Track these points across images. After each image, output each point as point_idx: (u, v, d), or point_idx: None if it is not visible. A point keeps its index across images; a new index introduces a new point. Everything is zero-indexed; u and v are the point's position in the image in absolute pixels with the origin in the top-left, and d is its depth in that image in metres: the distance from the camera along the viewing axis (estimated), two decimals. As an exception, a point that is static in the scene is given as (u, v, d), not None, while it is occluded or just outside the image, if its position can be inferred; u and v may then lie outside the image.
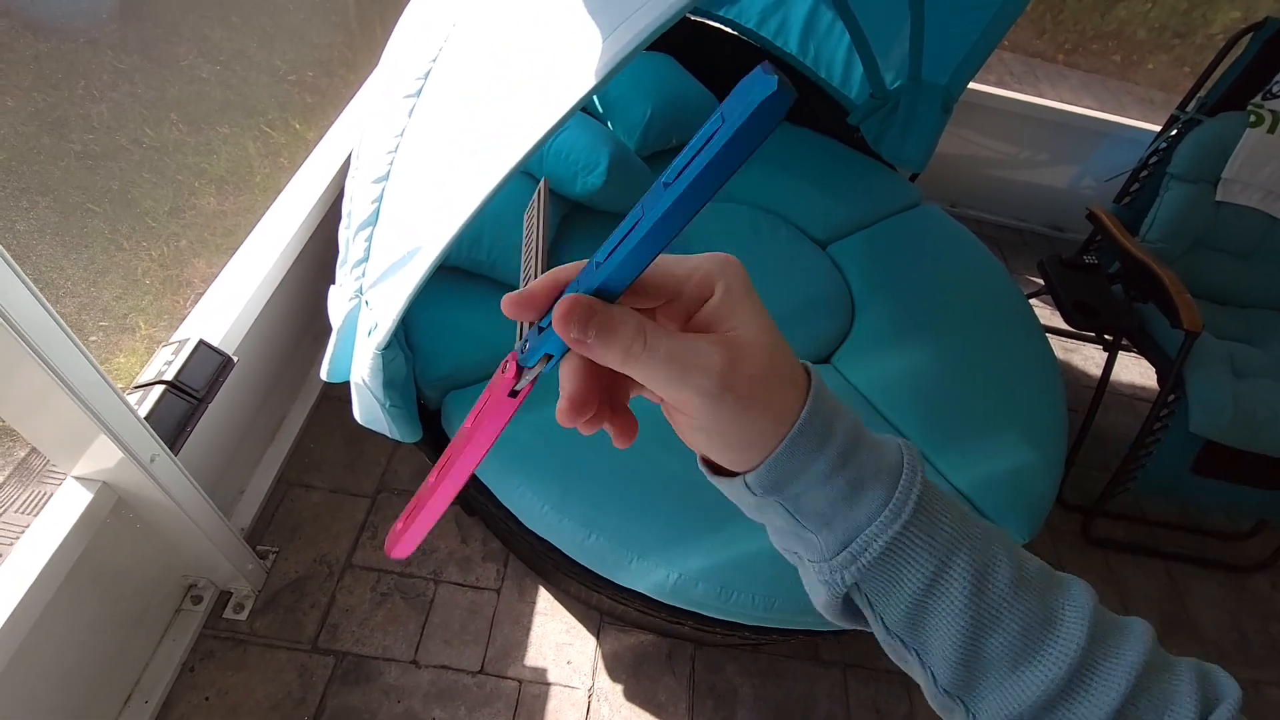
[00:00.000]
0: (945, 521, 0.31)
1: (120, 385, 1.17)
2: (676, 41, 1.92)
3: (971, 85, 2.44)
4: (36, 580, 0.83)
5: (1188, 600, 1.72)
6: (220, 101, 2.19)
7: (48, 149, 1.70)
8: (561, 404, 0.30)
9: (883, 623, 0.32)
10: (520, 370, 0.30)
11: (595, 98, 1.75)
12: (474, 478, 1.16)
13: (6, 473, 1.15)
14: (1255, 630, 1.70)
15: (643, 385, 0.30)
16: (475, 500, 1.21)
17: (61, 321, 0.72)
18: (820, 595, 0.33)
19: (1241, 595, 1.76)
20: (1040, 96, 2.58)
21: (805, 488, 0.30)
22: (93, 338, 1.48)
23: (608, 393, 0.32)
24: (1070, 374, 2.22)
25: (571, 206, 1.47)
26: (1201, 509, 1.90)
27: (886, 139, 1.96)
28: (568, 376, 0.30)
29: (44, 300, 0.68)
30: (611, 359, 0.27)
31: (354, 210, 0.98)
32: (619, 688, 1.30)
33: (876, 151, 1.99)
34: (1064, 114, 2.52)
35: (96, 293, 1.55)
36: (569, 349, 0.28)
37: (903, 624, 0.32)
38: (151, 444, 0.86)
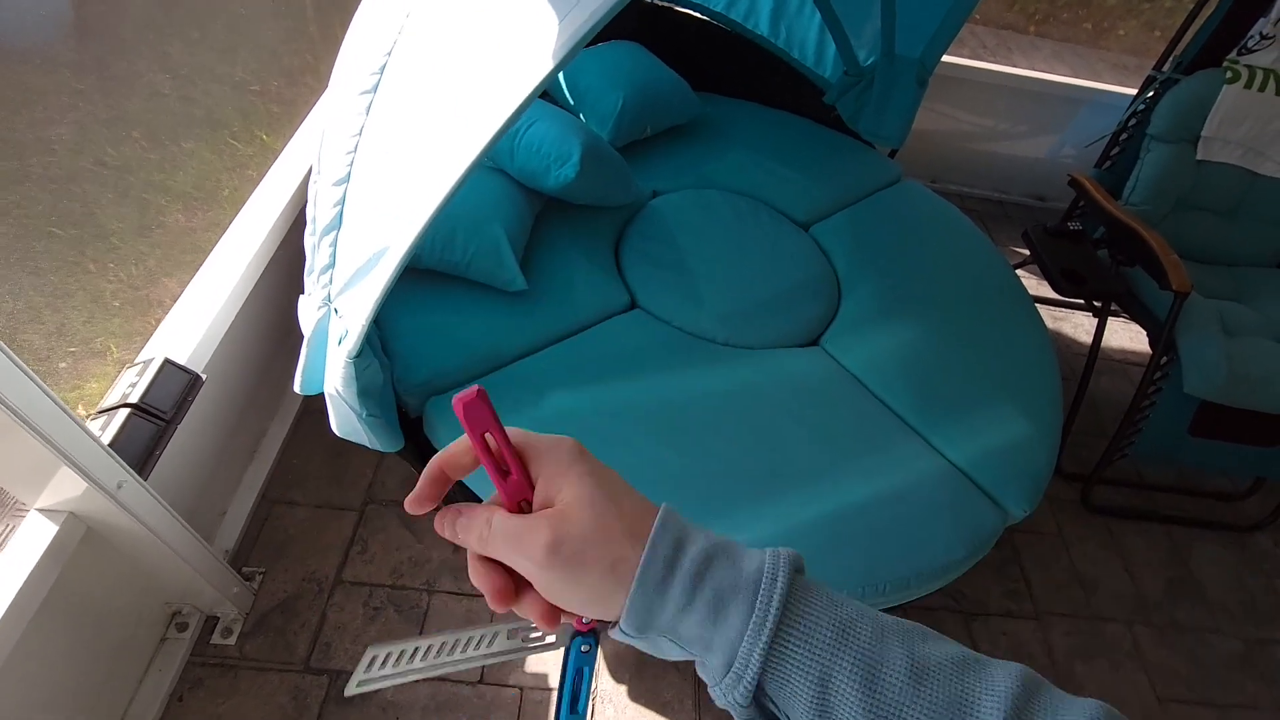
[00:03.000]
0: (824, 625, 0.31)
1: (90, 413, 1.13)
2: (646, 29, 1.89)
3: (946, 58, 2.41)
4: (7, 613, 0.80)
5: (1191, 563, 1.71)
6: (183, 116, 2.14)
7: (7, 173, 1.65)
8: (488, 599, 0.35)
9: None
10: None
11: (565, 89, 1.72)
12: (459, 484, 1.13)
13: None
14: (1261, 588, 1.69)
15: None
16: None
17: (11, 353, 0.68)
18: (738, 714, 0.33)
19: (1244, 554, 1.76)
20: (1014, 67, 2.57)
21: (672, 620, 0.32)
22: (62, 364, 1.43)
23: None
24: (1061, 342, 2.21)
25: (546, 201, 1.44)
26: (1200, 470, 1.90)
27: (863, 116, 1.94)
28: (476, 577, 0.35)
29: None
30: (473, 545, 0.34)
31: (317, 215, 0.95)
32: (623, 688, 1.28)
33: (854, 129, 1.96)
34: (1040, 83, 2.50)
35: (63, 318, 1.51)
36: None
37: None
38: (118, 470, 0.82)
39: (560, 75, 1.71)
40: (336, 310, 0.92)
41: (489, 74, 0.74)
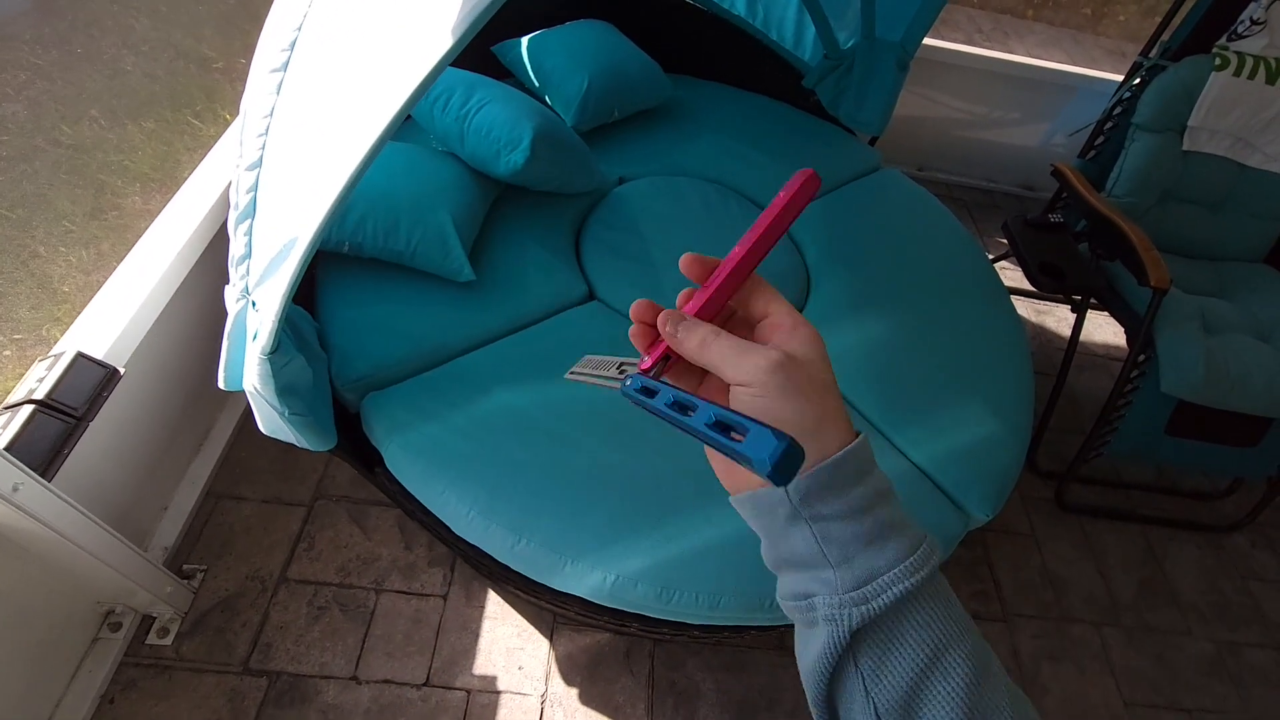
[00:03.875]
0: (956, 603, 0.33)
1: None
2: (616, 6, 1.82)
3: (938, 43, 2.35)
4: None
5: (1166, 564, 1.68)
6: (145, 95, 2.08)
7: (-48, 152, 1.59)
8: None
9: (874, 708, 0.31)
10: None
11: (530, 70, 1.65)
12: (399, 484, 1.09)
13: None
14: (1234, 590, 1.66)
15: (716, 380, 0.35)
16: (406, 505, 1.14)
17: None
18: (816, 644, 0.33)
19: (1219, 555, 1.72)
20: (1009, 53, 2.49)
21: (838, 512, 0.32)
22: (5, 352, 1.38)
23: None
24: (1043, 336, 2.17)
25: (504, 187, 1.38)
26: (1178, 470, 1.86)
27: (843, 101, 1.87)
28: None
29: None
30: (691, 347, 0.35)
31: (237, 201, 0.90)
32: (574, 691, 1.25)
33: (833, 115, 1.90)
34: (1033, 69, 2.43)
35: (8, 304, 1.46)
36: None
37: (895, 707, 0.31)
38: (12, 472, 0.78)
39: (524, 56, 1.64)
40: (254, 303, 0.87)
41: (394, 51, 0.69)
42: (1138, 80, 1.68)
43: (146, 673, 1.14)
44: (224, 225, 1.29)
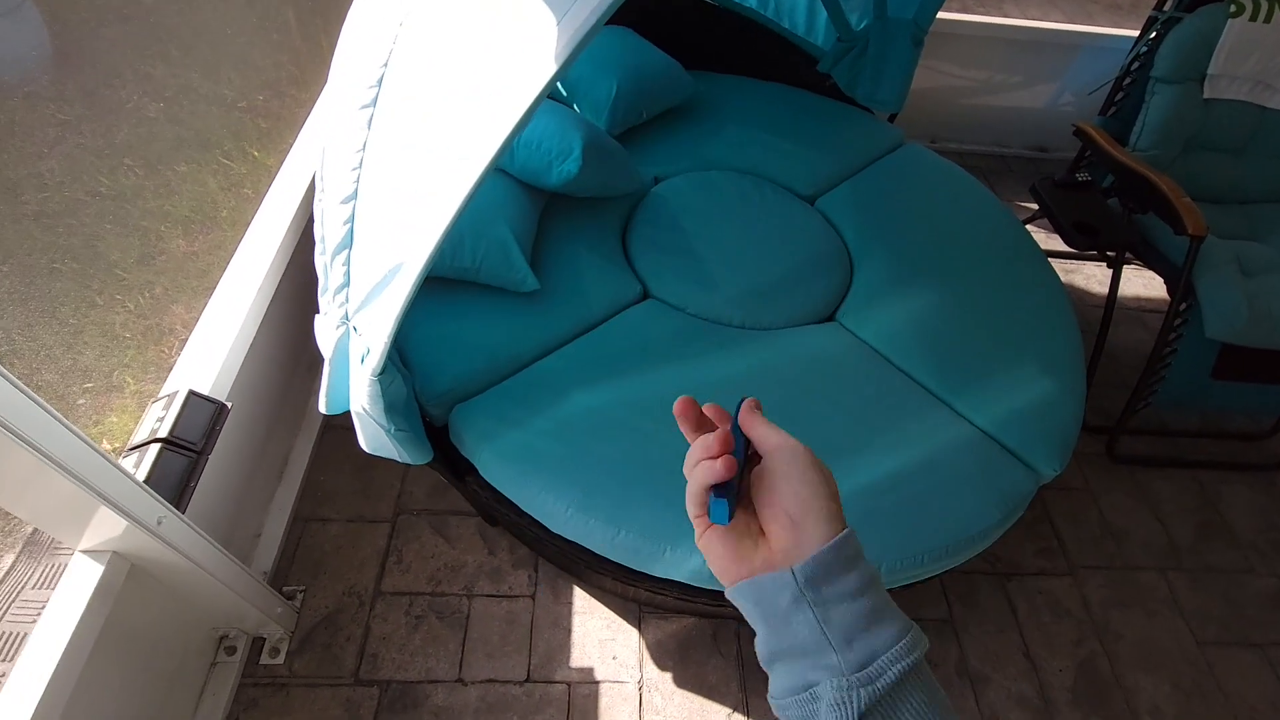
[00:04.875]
0: (939, 687, 0.35)
1: (115, 447, 1.13)
2: (634, 11, 1.85)
3: (939, 15, 2.38)
4: (63, 657, 0.81)
5: (1220, 506, 1.71)
6: (173, 139, 2.13)
7: (3, 214, 1.65)
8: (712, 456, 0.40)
9: None
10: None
11: (558, 81, 1.69)
12: (492, 489, 1.14)
13: (17, 550, 1.12)
14: (1291, 526, 1.69)
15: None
16: (497, 510, 1.19)
17: (38, 397, 0.68)
18: None
19: (1271, 493, 1.75)
20: (1005, 17, 2.51)
21: (838, 595, 0.35)
22: (80, 401, 1.44)
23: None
24: (1075, 295, 2.19)
25: (549, 197, 1.43)
26: (1223, 412, 1.89)
27: (860, 82, 1.91)
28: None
29: (14, 378, 0.64)
30: (748, 422, 0.43)
31: (326, 235, 0.94)
32: (668, 675, 1.29)
33: (851, 97, 1.93)
34: (1034, 31, 2.45)
35: (76, 355, 1.51)
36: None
37: None
38: (156, 507, 0.83)
39: (550, 67, 1.68)
40: (355, 329, 0.92)
41: (492, 80, 0.73)
42: (1154, 34, 1.71)
43: (265, 691, 1.20)
44: (290, 261, 1.34)
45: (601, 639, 1.32)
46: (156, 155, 2.02)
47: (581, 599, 1.37)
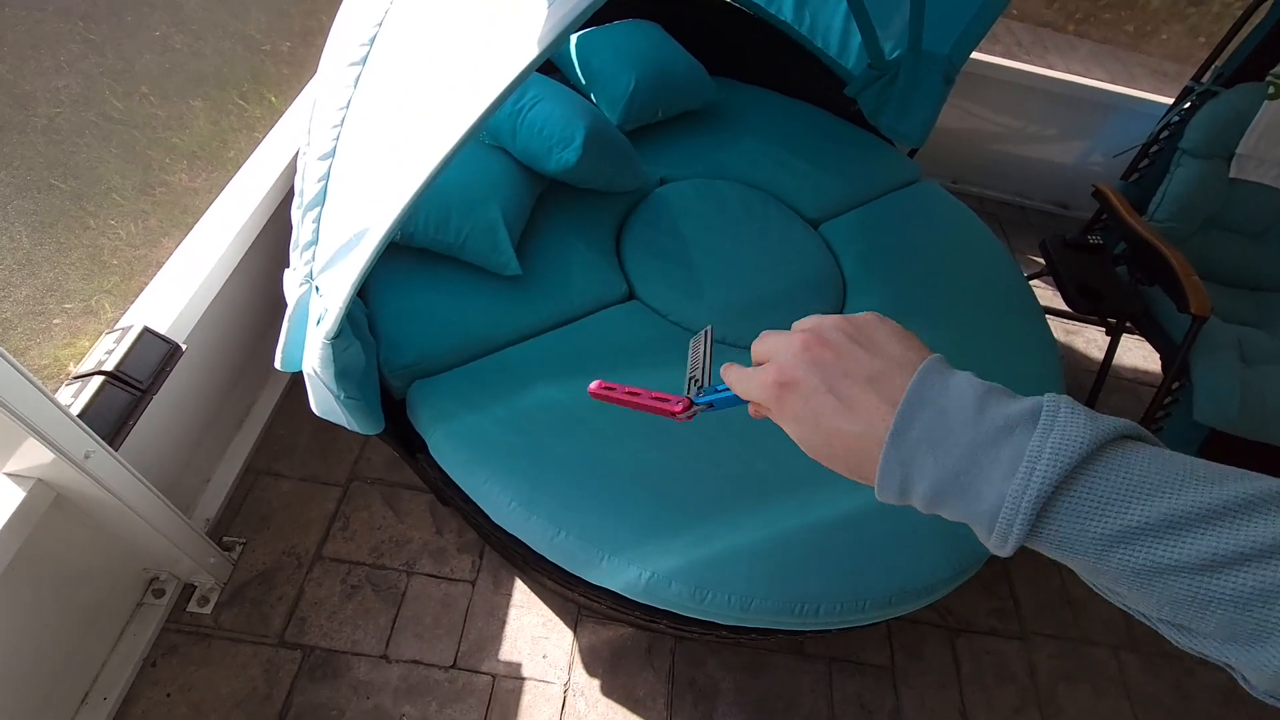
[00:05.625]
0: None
1: (65, 375, 1.11)
2: (665, 8, 1.83)
3: (976, 56, 2.34)
4: (-29, 580, 0.79)
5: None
6: (193, 73, 2.12)
7: (9, 123, 1.63)
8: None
9: None
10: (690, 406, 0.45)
11: (578, 68, 1.67)
12: (441, 471, 1.12)
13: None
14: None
15: None
16: (445, 492, 1.17)
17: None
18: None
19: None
20: (1048, 68, 2.48)
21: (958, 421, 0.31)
22: (56, 320, 1.42)
23: None
24: (1072, 357, 2.16)
25: (549, 183, 1.40)
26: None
27: (885, 112, 1.88)
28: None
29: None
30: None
31: (305, 189, 0.92)
32: (596, 682, 1.27)
33: (874, 125, 1.90)
34: (1072, 86, 2.41)
35: (60, 274, 1.49)
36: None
37: None
38: (86, 440, 0.81)
39: (572, 53, 1.66)
40: (318, 289, 0.90)
41: (479, 53, 0.71)
42: (1188, 105, 1.67)
43: (187, 639, 1.18)
44: (277, 210, 1.32)
45: (535, 636, 1.30)
46: (174, 86, 2.00)
47: (521, 593, 1.34)
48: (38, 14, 1.85)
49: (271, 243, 1.33)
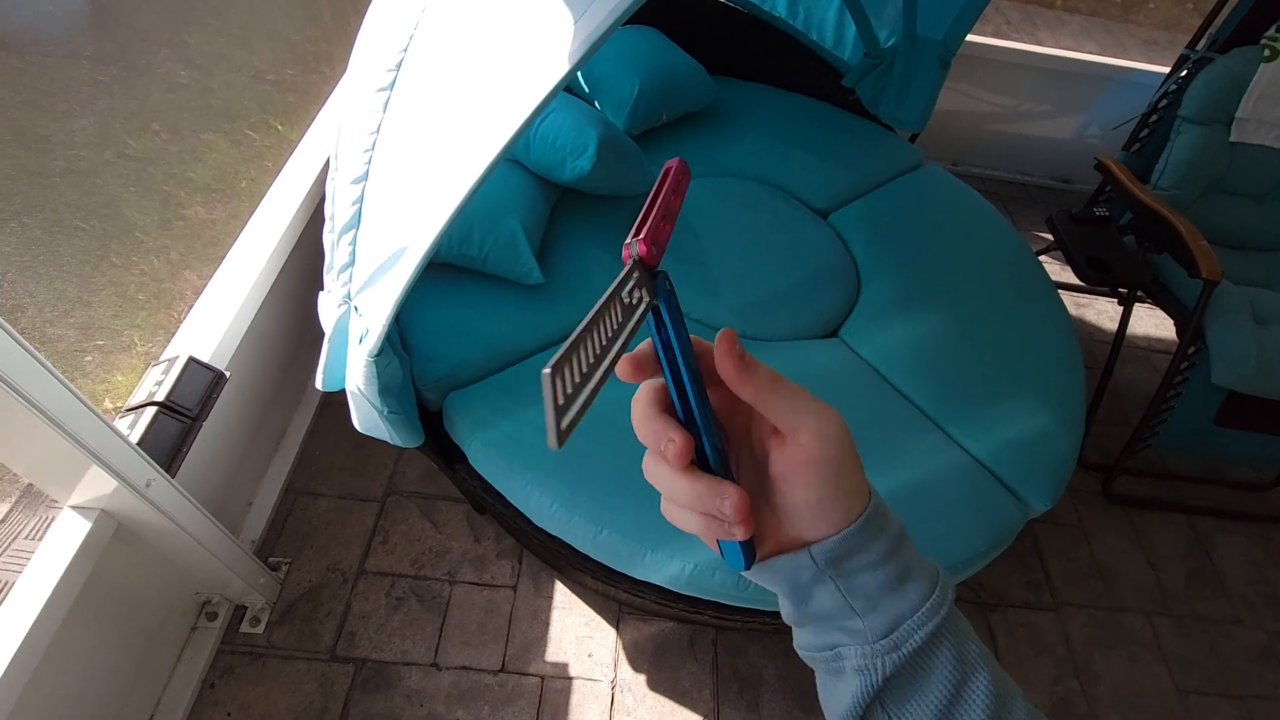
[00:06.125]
0: (971, 632, 0.34)
1: (117, 406, 1.15)
2: (661, 12, 1.85)
3: (968, 38, 2.36)
4: (43, 610, 0.82)
5: (1214, 554, 1.69)
6: (201, 107, 2.15)
7: (30, 168, 1.67)
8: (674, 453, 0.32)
9: None
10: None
11: (581, 76, 1.70)
12: (480, 478, 1.14)
13: (13, 500, 1.14)
14: (1284, 580, 1.67)
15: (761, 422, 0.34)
16: (484, 500, 1.19)
17: (39, 355, 0.69)
18: (847, 694, 0.33)
19: (1266, 546, 1.73)
20: (1039, 45, 2.50)
21: (861, 567, 0.33)
22: (89, 357, 1.46)
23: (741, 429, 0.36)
24: (1084, 330, 2.17)
25: (562, 192, 1.43)
26: (1225, 461, 1.87)
27: (883, 100, 1.90)
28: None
29: (17, 335, 0.65)
30: (748, 388, 0.32)
31: (336, 213, 0.95)
32: (641, 677, 1.29)
33: (874, 113, 1.93)
34: (1065, 61, 2.43)
35: (90, 312, 1.53)
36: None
37: None
38: (146, 469, 0.84)
39: (575, 62, 1.69)
40: (356, 309, 0.92)
41: (507, 72, 0.73)
42: (1184, 72, 1.69)
43: (242, 659, 1.21)
44: (301, 236, 1.35)
45: (579, 635, 1.32)
46: (184, 121, 2.04)
47: (562, 594, 1.37)
48: (48, 60, 1.89)
49: (296, 268, 1.36)
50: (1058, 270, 2.24)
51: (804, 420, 0.32)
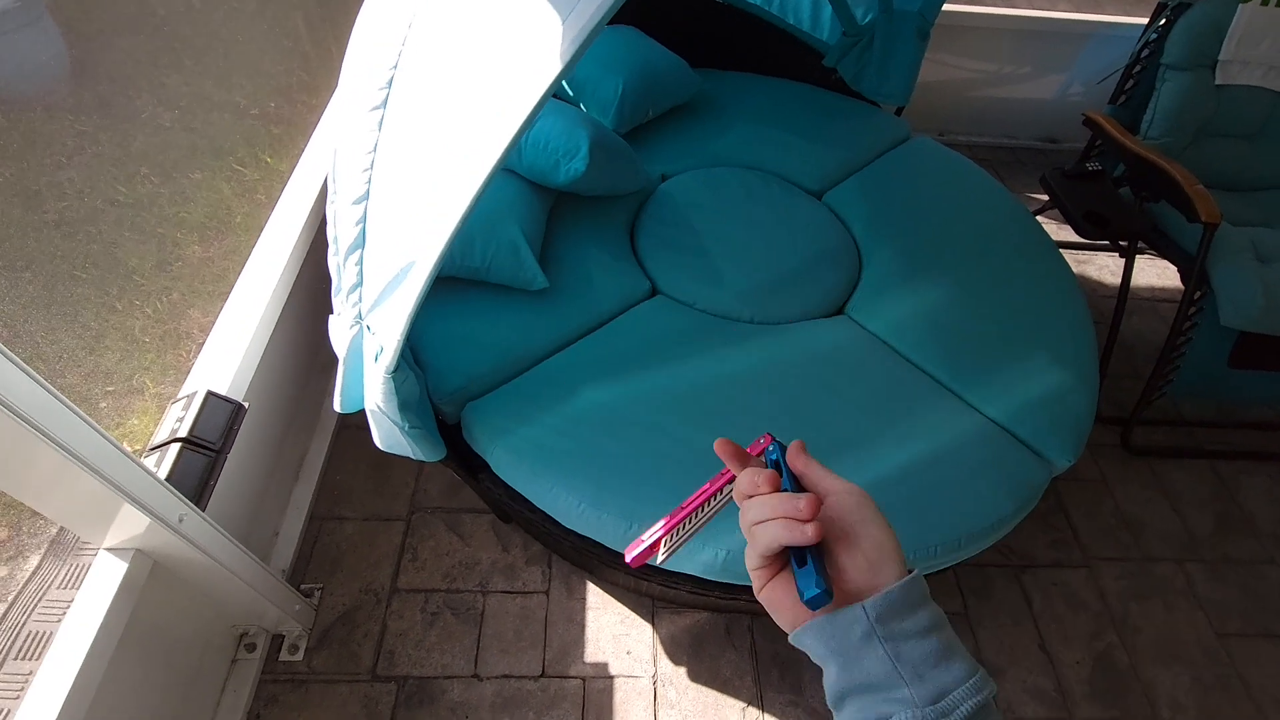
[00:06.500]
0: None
1: (136, 449, 1.15)
2: (639, 10, 1.86)
3: (944, 6, 2.37)
4: (89, 654, 0.82)
5: (1239, 496, 1.69)
6: (187, 147, 2.16)
7: (23, 222, 1.68)
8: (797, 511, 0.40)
9: None
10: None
11: (564, 81, 1.70)
12: (505, 485, 1.15)
13: (41, 551, 1.15)
14: (1311, 515, 1.67)
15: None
16: (510, 507, 1.20)
17: (64, 398, 0.70)
18: None
19: (1292, 482, 1.73)
20: (1014, 7, 2.50)
21: (909, 631, 0.36)
22: (102, 404, 1.46)
23: None
24: (1087, 286, 2.18)
25: (557, 195, 1.44)
26: (1241, 403, 1.86)
27: (865, 76, 1.90)
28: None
29: (41, 379, 0.66)
30: (799, 462, 0.46)
31: (339, 235, 0.95)
32: (682, 670, 1.30)
33: (857, 91, 1.93)
34: (1041, 21, 2.44)
35: (98, 359, 1.54)
36: None
37: None
38: (177, 504, 0.84)
39: (557, 67, 1.69)
40: (369, 328, 0.93)
41: (503, 74, 0.74)
42: (1164, 21, 1.69)
43: (285, 688, 1.22)
44: (304, 263, 1.36)
45: (615, 634, 1.33)
46: (172, 163, 2.05)
47: (595, 594, 1.37)
48: (27, 115, 1.90)
49: (301, 295, 1.37)
50: (1055, 229, 2.23)
51: (835, 483, 0.42)
